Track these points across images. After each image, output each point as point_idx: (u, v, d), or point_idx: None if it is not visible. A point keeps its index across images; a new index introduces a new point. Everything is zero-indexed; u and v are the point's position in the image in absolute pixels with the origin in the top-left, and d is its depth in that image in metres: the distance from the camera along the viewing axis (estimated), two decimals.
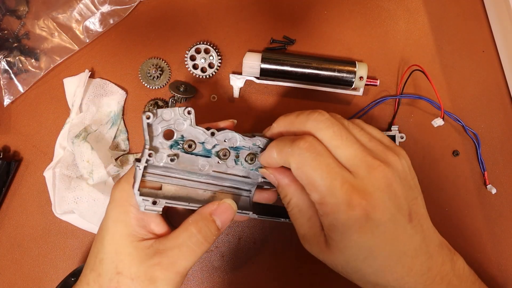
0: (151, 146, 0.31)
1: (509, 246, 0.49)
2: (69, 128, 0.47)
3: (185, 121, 0.32)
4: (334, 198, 0.29)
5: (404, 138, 0.48)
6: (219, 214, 0.33)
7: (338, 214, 0.29)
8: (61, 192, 0.46)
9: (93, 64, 0.51)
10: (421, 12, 0.53)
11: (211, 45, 0.51)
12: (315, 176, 0.29)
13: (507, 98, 0.51)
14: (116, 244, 0.32)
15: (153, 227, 0.33)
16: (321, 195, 0.29)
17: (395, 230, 0.29)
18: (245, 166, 0.35)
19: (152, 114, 0.30)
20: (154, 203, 0.31)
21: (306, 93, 0.51)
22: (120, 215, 0.32)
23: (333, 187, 0.28)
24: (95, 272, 0.32)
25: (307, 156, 0.29)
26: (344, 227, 0.29)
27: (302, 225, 0.33)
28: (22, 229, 0.49)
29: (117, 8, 0.51)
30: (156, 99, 0.50)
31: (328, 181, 0.29)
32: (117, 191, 0.33)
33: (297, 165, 0.30)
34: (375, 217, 0.28)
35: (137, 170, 0.31)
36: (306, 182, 0.30)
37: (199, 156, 0.33)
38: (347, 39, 0.52)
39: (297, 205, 0.33)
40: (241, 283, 0.49)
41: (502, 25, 0.50)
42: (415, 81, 0.51)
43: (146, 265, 0.31)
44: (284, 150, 0.31)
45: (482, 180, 0.50)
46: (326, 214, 0.29)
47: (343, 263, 0.31)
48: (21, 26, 0.51)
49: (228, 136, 0.34)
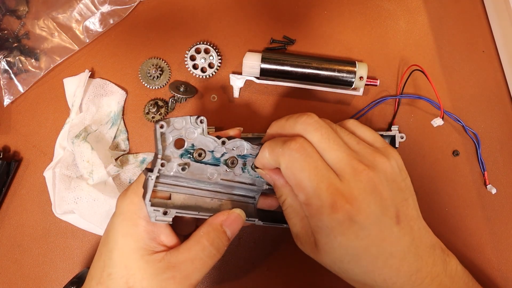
0: (164, 156, 0.31)
1: (509, 246, 0.49)
2: (69, 128, 0.47)
3: (196, 129, 0.31)
4: (319, 200, 0.29)
5: (404, 138, 0.48)
6: (229, 224, 0.33)
7: (322, 216, 0.29)
8: (61, 192, 0.46)
9: (93, 64, 0.51)
10: (421, 12, 0.53)
11: (211, 45, 0.51)
12: (302, 177, 0.30)
13: (507, 98, 0.51)
14: (126, 259, 0.31)
15: (163, 238, 0.32)
16: (307, 196, 0.30)
17: (381, 232, 0.30)
18: (251, 174, 0.36)
19: (165, 123, 0.29)
20: (165, 213, 0.31)
21: (306, 93, 0.51)
22: (129, 228, 0.31)
23: (319, 189, 0.29)
24: (103, 286, 0.31)
25: (297, 157, 0.30)
26: (328, 229, 0.29)
27: (295, 225, 0.33)
28: (22, 229, 0.49)
29: (117, 8, 0.51)
30: (156, 99, 0.50)
31: (314, 183, 0.29)
32: (125, 203, 0.32)
33: (286, 165, 0.30)
34: (359, 220, 0.29)
35: (149, 181, 0.30)
36: (294, 183, 0.30)
37: (208, 164, 0.33)
38: (347, 39, 0.52)
39: (291, 205, 0.33)
40: (241, 283, 0.49)
41: (502, 25, 0.50)
42: (415, 81, 0.51)
43: (158, 280, 0.30)
44: (275, 150, 0.31)
45: (482, 180, 0.50)
46: (311, 216, 0.30)
47: (331, 264, 0.32)
48: (21, 26, 0.51)
49: (236, 144, 0.34)
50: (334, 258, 0.31)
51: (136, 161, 0.50)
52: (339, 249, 0.30)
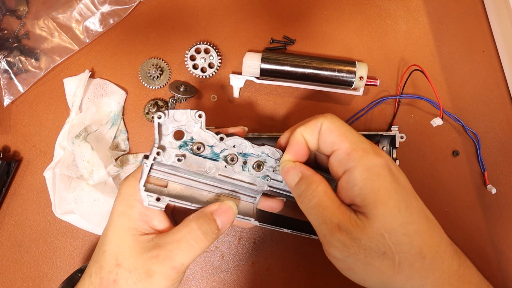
0: (160, 145, 0.32)
1: (509, 246, 0.49)
2: (69, 128, 0.47)
3: (196, 123, 0.32)
4: (364, 144, 0.31)
5: (404, 138, 0.48)
6: (220, 214, 0.34)
7: (368, 157, 0.31)
8: (61, 192, 0.46)
9: (93, 64, 0.51)
10: (421, 12, 0.53)
11: (211, 45, 0.51)
12: (346, 130, 0.32)
13: (507, 98, 0.51)
14: (118, 237, 0.32)
15: (156, 223, 0.34)
16: (353, 142, 0.31)
17: (413, 193, 0.32)
18: (251, 173, 0.35)
19: (163, 114, 0.31)
20: (158, 199, 0.32)
21: (306, 93, 0.51)
22: (125, 208, 0.33)
23: (362, 138, 0.32)
24: (98, 264, 0.32)
25: (336, 118, 0.33)
26: (374, 171, 0.30)
27: (333, 212, 0.31)
28: (22, 229, 0.49)
29: (117, 8, 0.51)
30: (156, 99, 0.50)
31: (356, 134, 0.32)
32: (125, 186, 0.34)
33: (329, 123, 0.32)
34: (395, 173, 0.31)
35: (144, 167, 0.32)
36: (338, 134, 0.32)
37: (206, 158, 0.34)
38: (347, 39, 0.52)
39: (326, 192, 0.32)
40: (241, 283, 0.49)
41: (502, 25, 0.50)
42: (415, 81, 0.51)
43: (143, 258, 0.31)
44: (312, 121, 0.33)
45: (482, 180, 0.50)
46: (357, 160, 0.31)
47: (383, 232, 0.29)
48: (21, 26, 0.51)
49: (237, 142, 0.34)
50: (384, 222, 0.29)
51: (136, 161, 0.50)
52: (388, 205, 0.30)
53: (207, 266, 0.49)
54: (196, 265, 0.49)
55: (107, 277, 0.31)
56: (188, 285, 0.49)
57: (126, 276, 0.31)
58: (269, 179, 0.36)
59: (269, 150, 0.35)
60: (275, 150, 0.35)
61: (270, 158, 0.35)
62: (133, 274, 0.31)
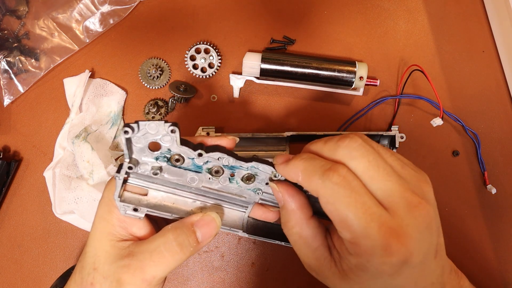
0: (131, 160, 0.29)
1: (509, 246, 0.49)
2: (69, 128, 0.47)
3: (171, 138, 0.29)
4: (369, 241, 0.26)
5: (404, 138, 0.48)
6: (201, 226, 0.31)
7: (373, 257, 0.26)
8: (61, 192, 0.46)
9: (93, 64, 0.51)
10: (421, 12, 0.53)
11: (211, 45, 0.51)
12: (348, 214, 0.26)
13: (507, 98, 0.51)
14: (97, 240, 0.32)
15: (135, 230, 0.32)
16: (354, 235, 0.26)
17: (422, 270, 0.27)
18: (240, 185, 0.32)
19: (130, 129, 0.27)
20: (135, 210, 0.31)
21: (306, 93, 0.51)
22: (104, 213, 0.32)
23: (370, 229, 0.25)
24: (80, 264, 0.32)
25: (341, 192, 0.26)
26: (377, 271, 0.26)
27: (307, 256, 0.30)
28: (22, 229, 0.49)
29: (117, 8, 0.51)
30: (156, 99, 0.50)
31: (363, 221, 0.26)
32: (106, 189, 0.33)
33: (328, 200, 0.27)
34: (411, 261, 0.26)
35: (117, 180, 0.30)
36: (338, 219, 0.27)
37: (188, 170, 0.31)
38: (347, 39, 0.52)
39: (301, 236, 0.30)
40: (241, 283, 0.49)
41: (502, 25, 0.50)
42: (415, 81, 0.51)
43: (116, 265, 0.30)
44: (314, 179, 0.27)
45: (482, 180, 0.50)
46: (358, 255, 0.27)
47: None
48: (21, 26, 0.51)
49: (219, 157, 0.30)
50: None
51: None
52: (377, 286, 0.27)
53: (207, 266, 0.49)
54: (196, 265, 0.49)
55: (86, 279, 0.31)
56: (188, 285, 0.49)
57: (101, 282, 0.30)
58: (260, 192, 0.32)
59: (261, 167, 0.31)
60: (266, 166, 0.31)
61: (261, 172, 0.31)
62: (106, 280, 0.30)
